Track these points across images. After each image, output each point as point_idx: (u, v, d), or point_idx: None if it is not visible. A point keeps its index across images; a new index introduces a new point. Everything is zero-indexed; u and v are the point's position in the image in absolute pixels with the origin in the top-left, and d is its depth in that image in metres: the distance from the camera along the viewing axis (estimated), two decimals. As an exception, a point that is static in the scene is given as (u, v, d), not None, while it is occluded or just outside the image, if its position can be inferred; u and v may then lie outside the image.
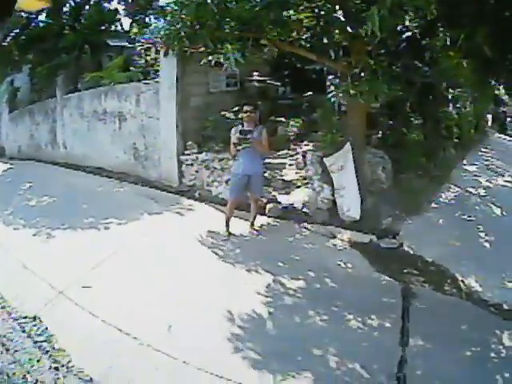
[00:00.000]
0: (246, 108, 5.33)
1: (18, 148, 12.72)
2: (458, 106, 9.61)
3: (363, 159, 6.03)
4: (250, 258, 4.85)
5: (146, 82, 8.21)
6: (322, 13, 4.98)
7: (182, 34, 5.01)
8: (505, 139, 13.25)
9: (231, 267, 4.69)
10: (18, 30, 11.29)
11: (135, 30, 11.39)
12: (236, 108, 6.82)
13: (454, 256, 4.72)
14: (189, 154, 7.35)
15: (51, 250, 5.19)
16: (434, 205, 6.35)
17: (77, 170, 9.45)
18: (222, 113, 7.07)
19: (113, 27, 13.87)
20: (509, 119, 15.93)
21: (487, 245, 5.20)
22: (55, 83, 10.56)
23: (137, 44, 9.75)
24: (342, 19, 4.74)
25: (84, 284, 4.24)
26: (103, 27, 12.51)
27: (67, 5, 11.93)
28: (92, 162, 9.50)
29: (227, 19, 4.76)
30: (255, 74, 8.82)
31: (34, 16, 11.45)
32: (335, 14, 4.80)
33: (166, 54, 6.26)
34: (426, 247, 4.91)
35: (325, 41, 5.62)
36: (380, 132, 7.45)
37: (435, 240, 5.09)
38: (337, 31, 5.36)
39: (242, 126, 5.31)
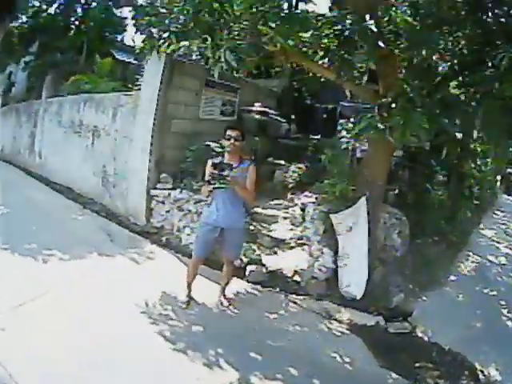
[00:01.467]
0: (229, 133, 3.97)
1: (2, 147, 12.08)
2: (477, 162, 8.83)
3: (378, 220, 5.11)
4: (212, 342, 3.74)
5: (128, 93, 6.98)
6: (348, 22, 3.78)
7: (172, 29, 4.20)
8: (513, 201, 13.23)
9: (180, 355, 3.51)
10: (25, 19, 10.93)
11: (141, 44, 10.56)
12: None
13: (473, 341, 4.27)
14: (161, 189, 6.09)
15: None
16: (452, 277, 5.87)
17: (47, 185, 8.82)
18: (207, 143, 5.74)
19: (119, 38, 13.57)
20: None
21: (510, 323, 4.83)
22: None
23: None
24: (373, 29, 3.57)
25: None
26: (107, 33, 12.10)
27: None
28: (62, 179, 8.60)
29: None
30: (257, 104, 7.62)
31: (45, 7, 11.43)
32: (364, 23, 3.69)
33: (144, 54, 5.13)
34: (442, 331, 4.37)
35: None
36: (397, 187, 6.44)
37: (453, 321, 4.59)
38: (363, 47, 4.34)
39: (222, 158, 4.02)
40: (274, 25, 3.99)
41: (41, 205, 7.21)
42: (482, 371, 3.82)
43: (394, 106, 3.96)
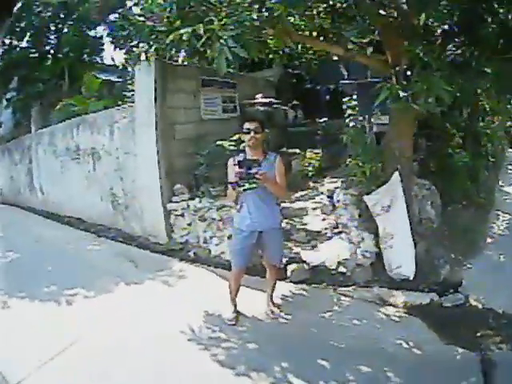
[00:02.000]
0: (247, 126, 3.58)
1: (1, 190, 11.78)
2: (486, 119, 8.64)
3: (411, 194, 4.84)
4: (273, 357, 3.40)
5: (119, 107, 6.63)
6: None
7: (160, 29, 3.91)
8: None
9: (243, 380, 3.15)
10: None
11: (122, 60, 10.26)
12: (237, 136, 5.21)
13: None
14: (178, 202, 5.71)
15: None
16: (489, 239, 5.69)
17: (55, 220, 8.55)
18: (219, 143, 5.38)
19: (98, 58, 13.34)
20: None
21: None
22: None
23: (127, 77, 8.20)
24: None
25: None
26: (86, 55, 11.91)
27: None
28: (69, 210, 8.28)
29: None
30: (258, 96, 7.28)
31: (16, 42, 11.16)
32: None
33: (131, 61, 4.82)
34: (493, 295, 4.25)
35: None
36: (419, 156, 6.13)
37: (501, 284, 4.44)
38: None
39: (244, 154, 3.65)
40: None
41: (51, 242, 6.88)
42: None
43: (409, 73, 3.80)
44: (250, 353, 3.47)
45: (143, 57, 4.54)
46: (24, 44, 11.52)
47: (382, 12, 4.02)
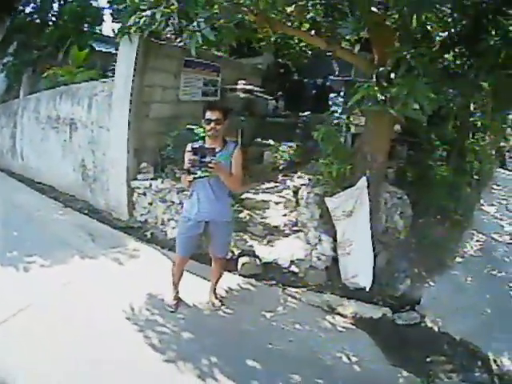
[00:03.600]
0: (208, 115, 3.42)
1: None
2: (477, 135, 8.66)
3: (379, 201, 4.74)
4: (204, 349, 3.39)
5: (104, 80, 6.48)
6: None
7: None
8: (509, 175, 12.88)
9: (170, 367, 3.18)
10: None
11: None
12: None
13: (484, 328, 4.09)
14: (142, 180, 5.60)
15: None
16: (458, 258, 5.55)
17: (29, 186, 8.35)
18: (189, 126, 5.25)
19: (98, 29, 13.22)
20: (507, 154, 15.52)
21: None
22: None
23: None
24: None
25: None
26: (86, 26, 11.78)
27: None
28: (44, 178, 8.14)
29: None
30: (241, 82, 7.10)
31: (21, 7, 10.90)
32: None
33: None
34: (452, 319, 4.16)
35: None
36: (396, 164, 6.11)
37: (463, 307, 4.37)
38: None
39: (203, 142, 3.53)
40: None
41: (23, 208, 6.76)
42: (495, 361, 3.63)
43: (393, 75, 3.60)
44: (182, 342, 3.45)
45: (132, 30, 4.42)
46: (28, 10, 11.45)
47: (374, 9, 3.87)
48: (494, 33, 3.67)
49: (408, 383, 3.29)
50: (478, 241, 6.25)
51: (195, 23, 3.38)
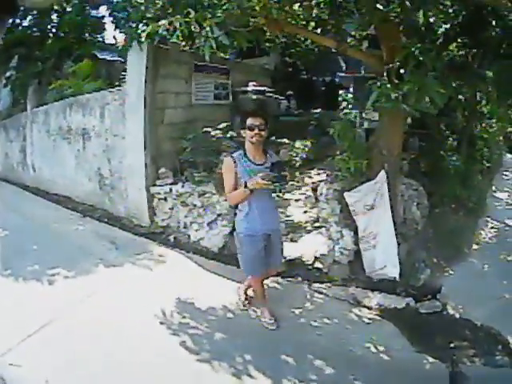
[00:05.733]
0: (251, 121, 3.29)
1: None
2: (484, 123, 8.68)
3: (396, 193, 4.73)
4: (238, 348, 3.44)
5: (112, 89, 6.56)
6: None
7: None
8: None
9: (205, 366, 3.22)
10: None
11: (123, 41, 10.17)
12: (224, 124, 5.15)
13: (504, 313, 4.08)
14: (161, 185, 5.66)
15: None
16: (475, 246, 5.58)
17: (45, 198, 8.39)
18: (205, 129, 5.32)
19: (99, 38, 13.24)
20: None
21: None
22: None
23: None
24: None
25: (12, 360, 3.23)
26: (87, 35, 11.86)
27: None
28: (59, 189, 8.20)
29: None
30: (252, 83, 7.16)
31: (18, 20, 10.89)
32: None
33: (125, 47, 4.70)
34: (472, 306, 4.17)
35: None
36: (410, 156, 6.06)
37: (482, 293, 4.37)
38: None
39: (244, 152, 3.40)
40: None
41: (40, 220, 6.77)
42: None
43: (402, 71, 3.65)
44: (215, 342, 3.50)
45: (143, 38, 4.45)
46: (26, 23, 11.47)
47: (380, 6, 3.90)
48: (494, 23, 3.74)
49: (434, 369, 3.34)
50: (492, 227, 6.28)
51: (208, 28, 3.44)
